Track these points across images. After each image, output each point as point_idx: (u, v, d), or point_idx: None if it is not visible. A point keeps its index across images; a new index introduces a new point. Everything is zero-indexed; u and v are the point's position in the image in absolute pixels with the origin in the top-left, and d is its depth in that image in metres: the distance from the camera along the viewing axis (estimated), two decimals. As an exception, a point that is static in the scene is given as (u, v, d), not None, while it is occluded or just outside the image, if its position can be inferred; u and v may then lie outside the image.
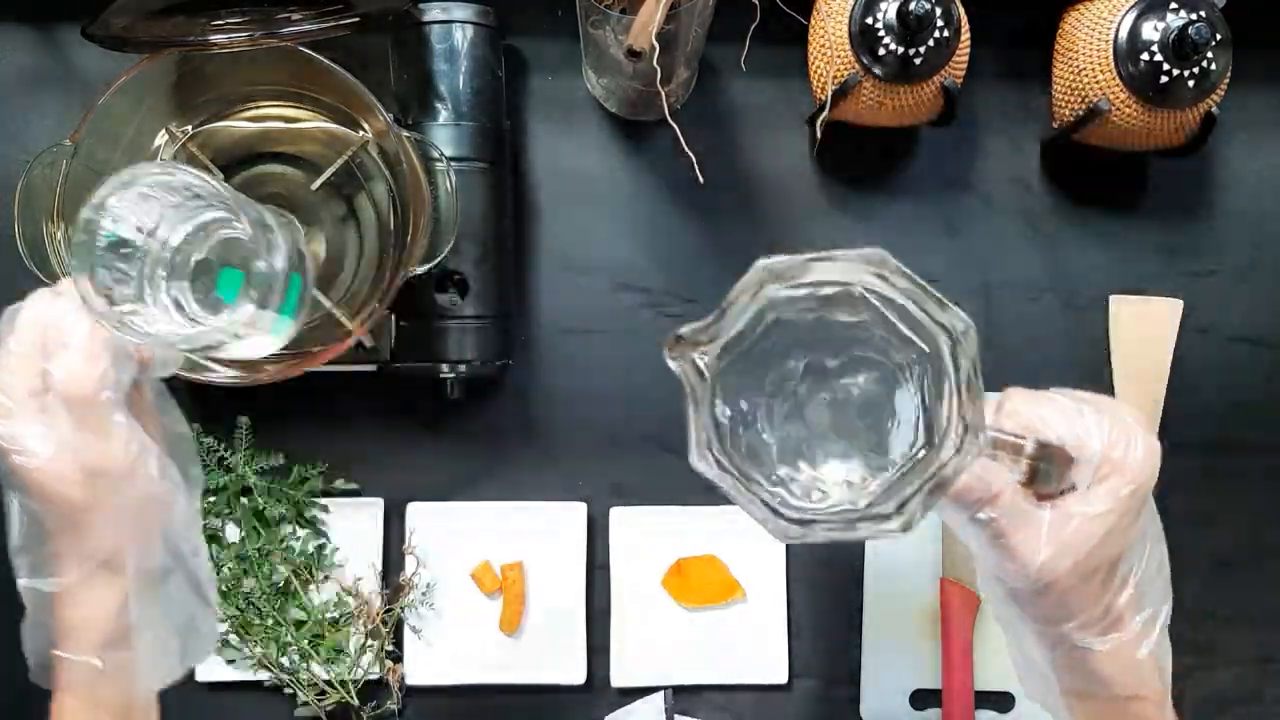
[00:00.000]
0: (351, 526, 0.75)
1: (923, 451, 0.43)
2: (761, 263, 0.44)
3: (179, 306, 0.49)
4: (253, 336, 0.51)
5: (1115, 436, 0.46)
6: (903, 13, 0.67)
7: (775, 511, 0.42)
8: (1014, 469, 0.46)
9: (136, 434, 0.48)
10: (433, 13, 0.71)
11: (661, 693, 0.72)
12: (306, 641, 0.74)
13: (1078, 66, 0.73)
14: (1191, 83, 0.70)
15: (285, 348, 0.70)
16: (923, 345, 0.43)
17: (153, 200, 0.48)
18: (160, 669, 0.51)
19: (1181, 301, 0.79)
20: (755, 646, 0.76)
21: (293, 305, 0.52)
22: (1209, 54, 0.69)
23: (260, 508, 0.74)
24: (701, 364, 0.43)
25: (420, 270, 0.67)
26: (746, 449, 0.44)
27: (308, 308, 0.54)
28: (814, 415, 0.46)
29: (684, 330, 0.43)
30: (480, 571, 0.75)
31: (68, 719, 0.49)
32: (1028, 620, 0.48)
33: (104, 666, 0.48)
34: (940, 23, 0.68)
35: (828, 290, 0.46)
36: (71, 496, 0.46)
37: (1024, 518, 0.46)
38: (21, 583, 0.49)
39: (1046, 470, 0.46)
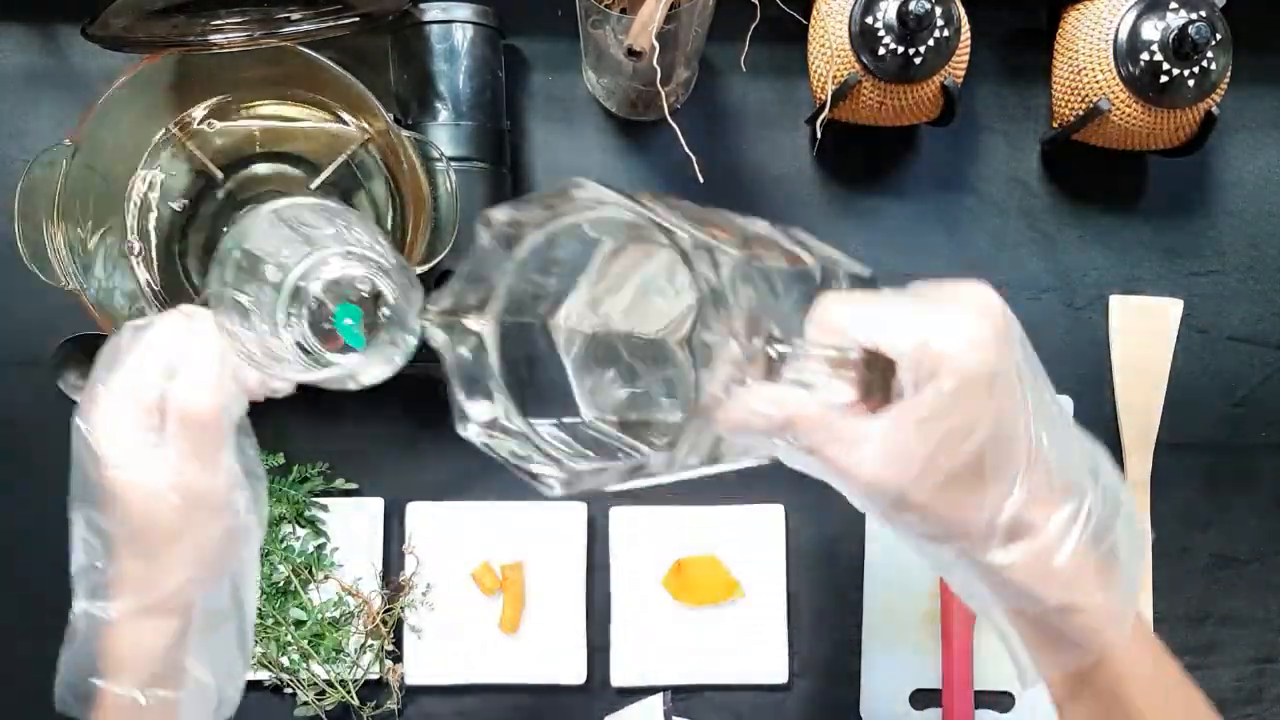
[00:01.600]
0: (351, 526, 0.75)
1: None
2: (491, 214, 0.42)
3: (300, 345, 0.49)
4: (373, 370, 0.50)
5: (930, 327, 0.39)
6: (903, 12, 0.67)
7: (566, 467, 0.40)
8: (841, 385, 0.41)
9: (235, 469, 0.48)
10: (433, 12, 0.71)
11: (660, 695, 0.72)
12: (306, 641, 0.74)
13: (1078, 66, 0.73)
14: (1191, 82, 0.70)
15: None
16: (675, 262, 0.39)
17: (299, 242, 0.47)
18: (200, 715, 0.49)
19: (1181, 301, 0.79)
20: (755, 646, 0.76)
21: (413, 348, 0.51)
22: (1209, 54, 0.69)
23: (260, 507, 0.74)
24: (478, 328, 0.42)
25: (420, 270, 0.67)
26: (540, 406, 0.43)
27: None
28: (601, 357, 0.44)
29: (441, 301, 0.42)
30: (480, 571, 0.75)
31: None
32: (916, 542, 0.43)
33: (146, 703, 0.47)
34: (940, 22, 0.68)
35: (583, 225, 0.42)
36: (162, 521, 0.45)
37: (843, 434, 0.40)
38: (79, 605, 0.47)
39: (870, 379, 0.41)
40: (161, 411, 0.46)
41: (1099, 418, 0.78)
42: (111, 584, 0.46)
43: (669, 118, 0.67)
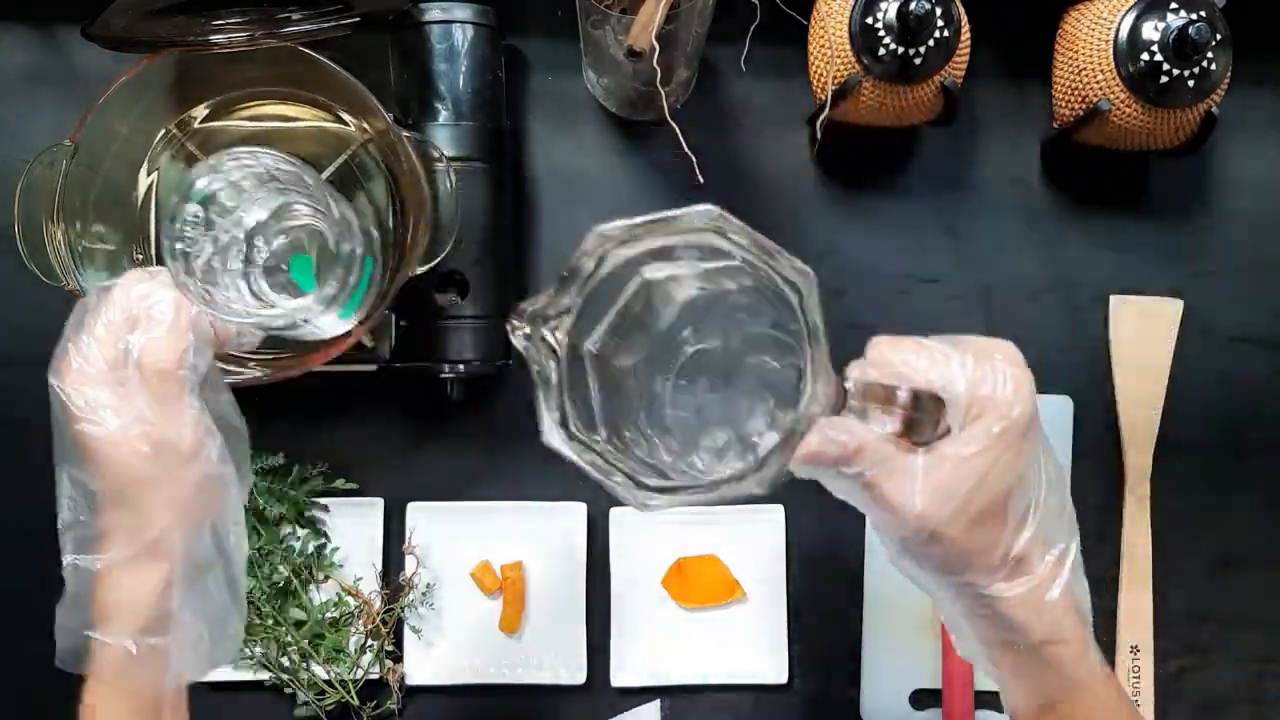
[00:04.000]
0: (351, 526, 0.75)
1: (780, 411, 0.44)
2: (598, 228, 0.43)
3: (253, 291, 0.52)
4: (325, 318, 0.53)
5: (981, 374, 0.44)
6: (903, 13, 0.67)
7: (636, 483, 0.42)
8: (888, 420, 0.44)
9: (205, 417, 0.49)
10: (433, 12, 0.71)
11: (656, 702, 0.72)
12: (306, 641, 0.74)
13: (1078, 66, 0.73)
14: (1192, 83, 0.70)
15: (285, 348, 0.70)
16: (775, 302, 0.43)
17: (236, 185, 0.51)
18: (191, 662, 0.51)
19: (1181, 301, 0.79)
20: (755, 646, 0.76)
21: (363, 286, 0.53)
22: (1209, 54, 0.69)
23: (260, 508, 0.74)
24: (553, 340, 0.43)
25: (420, 270, 0.67)
26: (614, 417, 0.44)
27: (376, 288, 0.57)
28: (693, 385, 0.46)
29: (525, 306, 0.43)
30: (480, 571, 0.75)
31: (98, 706, 0.49)
32: (931, 574, 0.46)
33: (137, 652, 0.48)
34: (940, 23, 0.68)
35: (673, 248, 0.44)
36: (135, 469, 0.47)
37: (897, 467, 0.44)
38: (67, 559, 0.49)
39: (919, 418, 0.44)
40: (126, 365, 0.48)
41: (1099, 418, 0.78)
42: (97, 536, 0.48)
43: (669, 118, 0.67)
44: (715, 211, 0.42)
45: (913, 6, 0.67)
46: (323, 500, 0.75)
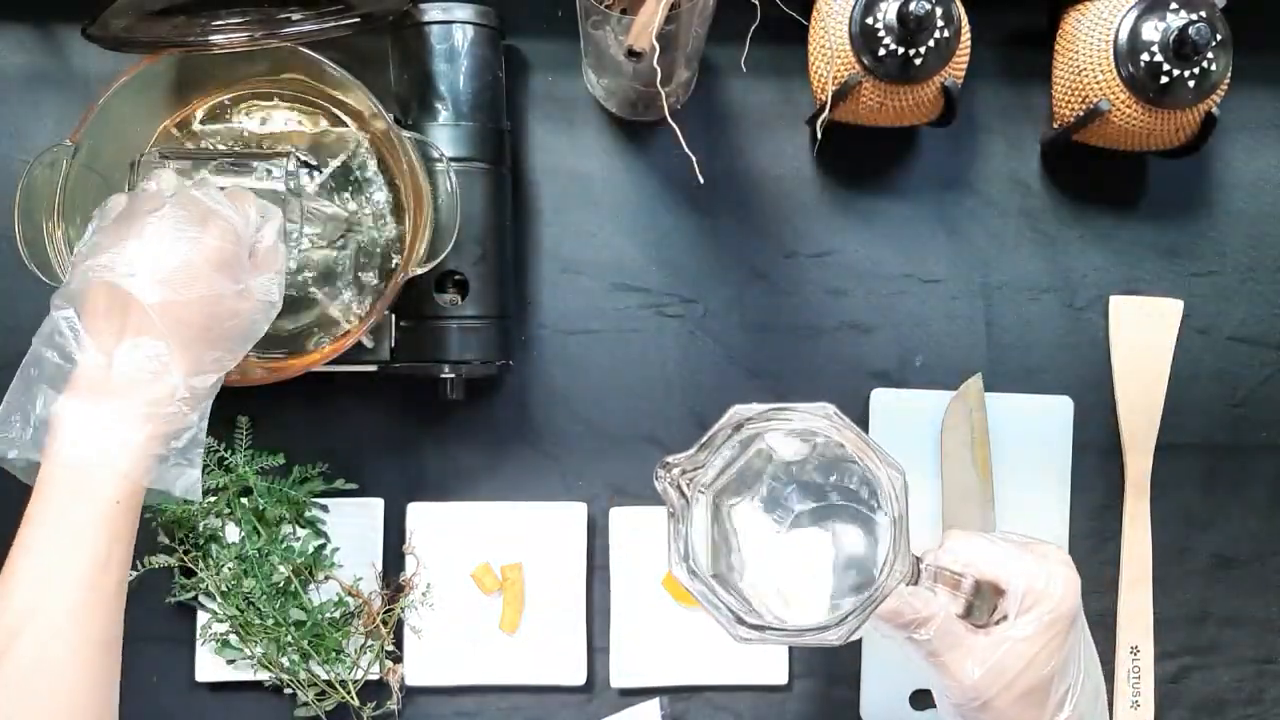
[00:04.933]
0: (351, 526, 0.75)
1: (861, 579, 0.53)
2: (736, 408, 0.52)
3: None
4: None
5: (1037, 571, 0.54)
6: (903, 13, 0.67)
7: (739, 619, 0.51)
8: (954, 601, 0.54)
9: (278, 244, 0.61)
10: (433, 13, 0.71)
11: (657, 700, 0.72)
12: (306, 642, 0.74)
13: (1078, 66, 0.73)
14: (1192, 83, 0.70)
15: (285, 348, 0.70)
16: (870, 488, 0.53)
17: None
18: (193, 484, 0.55)
19: (1181, 301, 0.79)
20: (755, 647, 0.76)
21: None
22: (1209, 54, 0.69)
23: (260, 508, 0.74)
24: (687, 489, 0.52)
25: (420, 270, 0.67)
26: (724, 561, 0.54)
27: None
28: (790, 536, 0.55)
29: (671, 459, 0.52)
30: (480, 571, 0.75)
31: (48, 490, 0.51)
32: None
33: (163, 455, 0.53)
34: (940, 23, 0.68)
35: (801, 434, 0.54)
36: (241, 257, 0.57)
37: (959, 641, 0.53)
38: (51, 409, 0.53)
39: (979, 603, 0.54)
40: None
41: (1099, 418, 0.78)
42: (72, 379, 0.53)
43: (669, 118, 0.67)
44: (831, 409, 0.51)
45: (913, 7, 0.67)
46: (323, 500, 0.75)
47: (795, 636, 0.51)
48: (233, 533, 0.75)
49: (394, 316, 0.71)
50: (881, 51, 0.69)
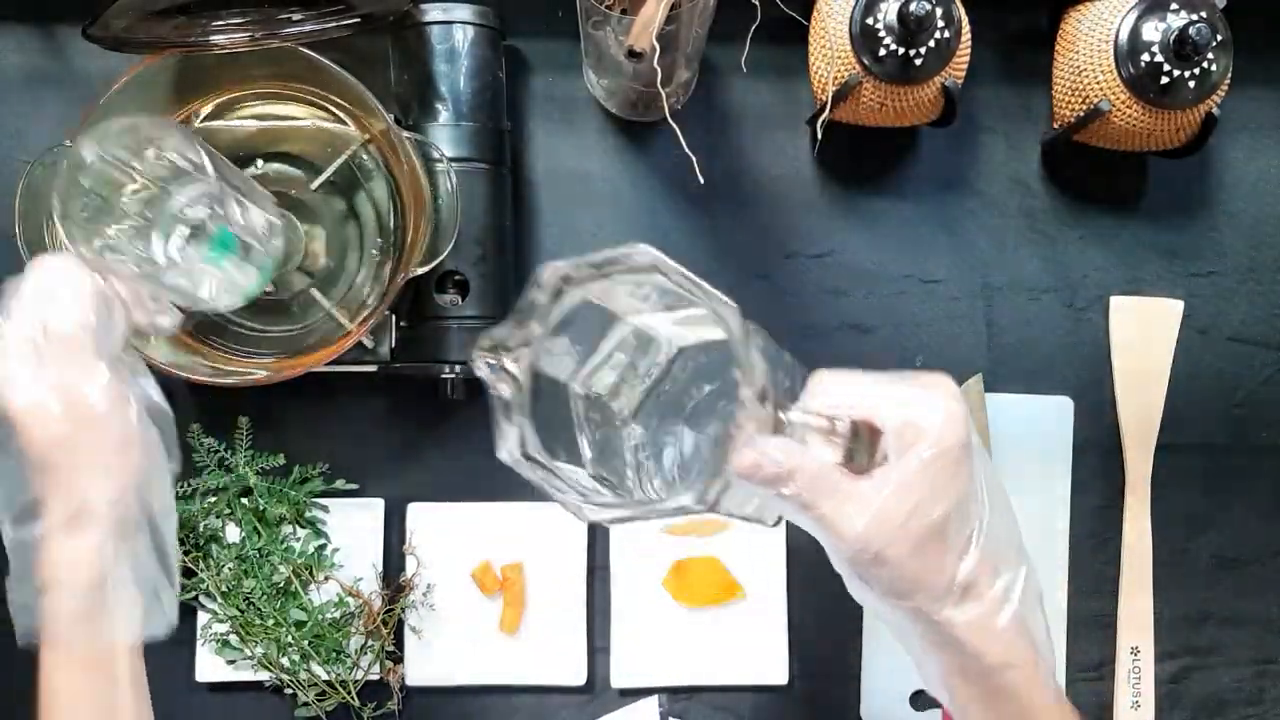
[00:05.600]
0: (351, 527, 0.75)
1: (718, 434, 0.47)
2: (550, 263, 0.47)
3: (167, 256, 0.56)
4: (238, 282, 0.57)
5: (916, 403, 0.47)
6: (903, 13, 0.67)
7: (587, 501, 0.46)
8: (831, 448, 0.47)
9: (119, 384, 0.52)
10: (433, 13, 0.71)
11: (655, 697, 0.72)
12: (307, 642, 0.73)
13: (1078, 67, 0.73)
14: (1192, 83, 0.70)
15: (284, 348, 0.70)
16: (716, 335, 0.47)
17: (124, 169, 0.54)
18: (128, 625, 0.52)
19: (1181, 301, 0.79)
20: (755, 647, 0.76)
21: (226, 247, 0.57)
22: (1209, 55, 0.69)
23: (260, 508, 0.74)
24: (514, 369, 0.48)
25: (420, 270, 0.67)
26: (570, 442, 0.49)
27: (260, 270, 0.60)
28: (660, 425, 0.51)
29: (490, 336, 0.47)
30: (480, 572, 0.75)
31: (51, 673, 0.51)
32: (882, 599, 0.48)
33: (78, 608, 0.50)
34: (940, 23, 0.68)
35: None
36: (53, 433, 0.49)
37: (836, 489, 0.46)
38: (7, 534, 0.51)
39: (859, 445, 0.48)
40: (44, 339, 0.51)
41: (1099, 418, 0.78)
42: (30, 506, 0.50)
43: (669, 119, 0.67)
44: (653, 253, 0.45)
45: (913, 7, 0.67)
46: (323, 500, 0.75)
47: (646, 508, 0.46)
48: (233, 533, 0.75)
49: (394, 316, 0.71)
50: (882, 52, 0.69)
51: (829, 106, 0.71)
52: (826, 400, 0.48)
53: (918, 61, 0.69)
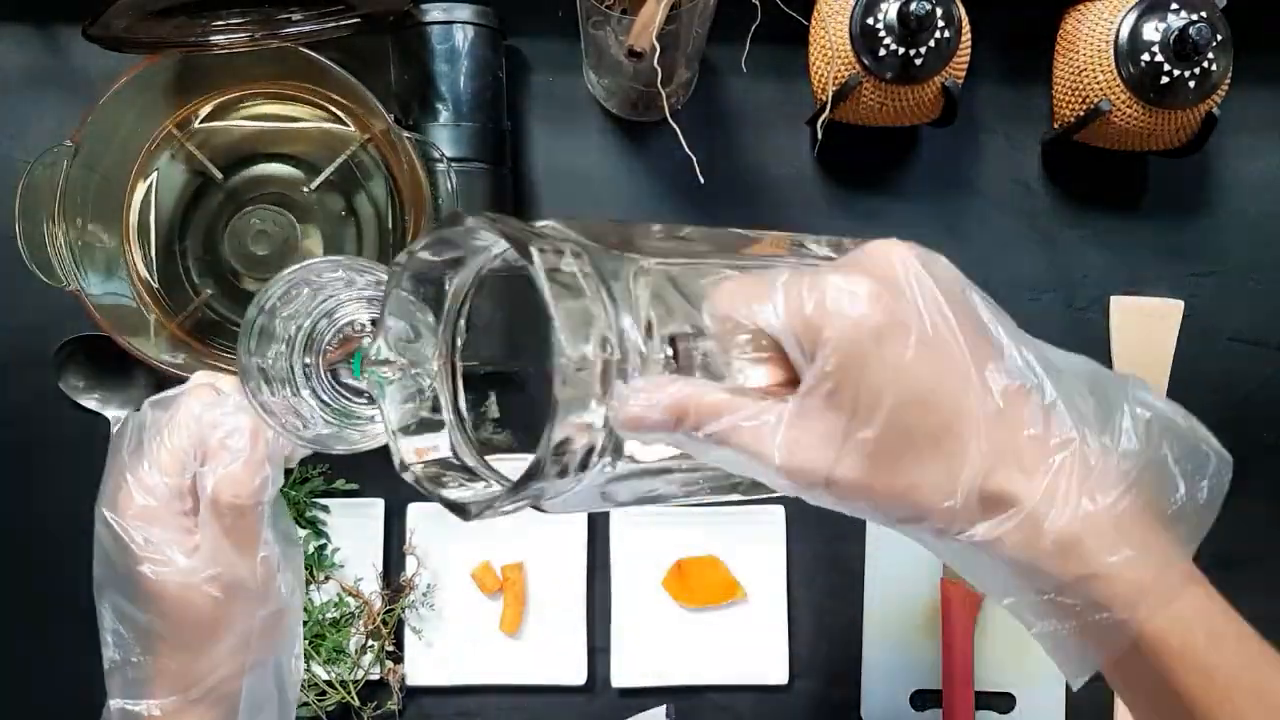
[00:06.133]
0: (352, 527, 0.75)
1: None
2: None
3: (325, 403, 0.47)
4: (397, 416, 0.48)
5: (804, 298, 0.36)
6: (903, 13, 0.67)
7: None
8: (758, 371, 0.38)
9: (276, 551, 0.45)
10: (433, 13, 0.71)
11: (663, 707, 0.72)
12: (307, 642, 0.73)
13: (1078, 66, 0.73)
14: (1192, 83, 0.70)
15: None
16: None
17: (309, 296, 0.47)
18: None
19: (1181, 302, 0.79)
20: (755, 647, 0.76)
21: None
22: (1210, 54, 0.69)
23: (260, 508, 0.74)
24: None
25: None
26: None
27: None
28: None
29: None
30: (480, 572, 0.75)
31: None
32: (892, 527, 0.38)
33: None
34: (941, 23, 0.68)
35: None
36: (203, 612, 0.43)
37: (754, 421, 0.36)
38: (115, 703, 0.45)
39: (758, 364, 0.38)
40: (194, 495, 0.44)
41: (1099, 418, 0.78)
42: (149, 679, 0.44)
43: (670, 118, 0.67)
44: (472, 221, 0.38)
45: (913, 7, 0.67)
46: (323, 500, 0.75)
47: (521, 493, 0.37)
48: (233, 533, 0.74)
49: (394, 317, 0.71)
50: (882, 52, 0.69)
51: (829, 106, 0.71)
52: (719, 315, 0.38)
53: (918, 61, 0.69)
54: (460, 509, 0.40)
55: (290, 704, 0.49)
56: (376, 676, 0.74)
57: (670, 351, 0.38)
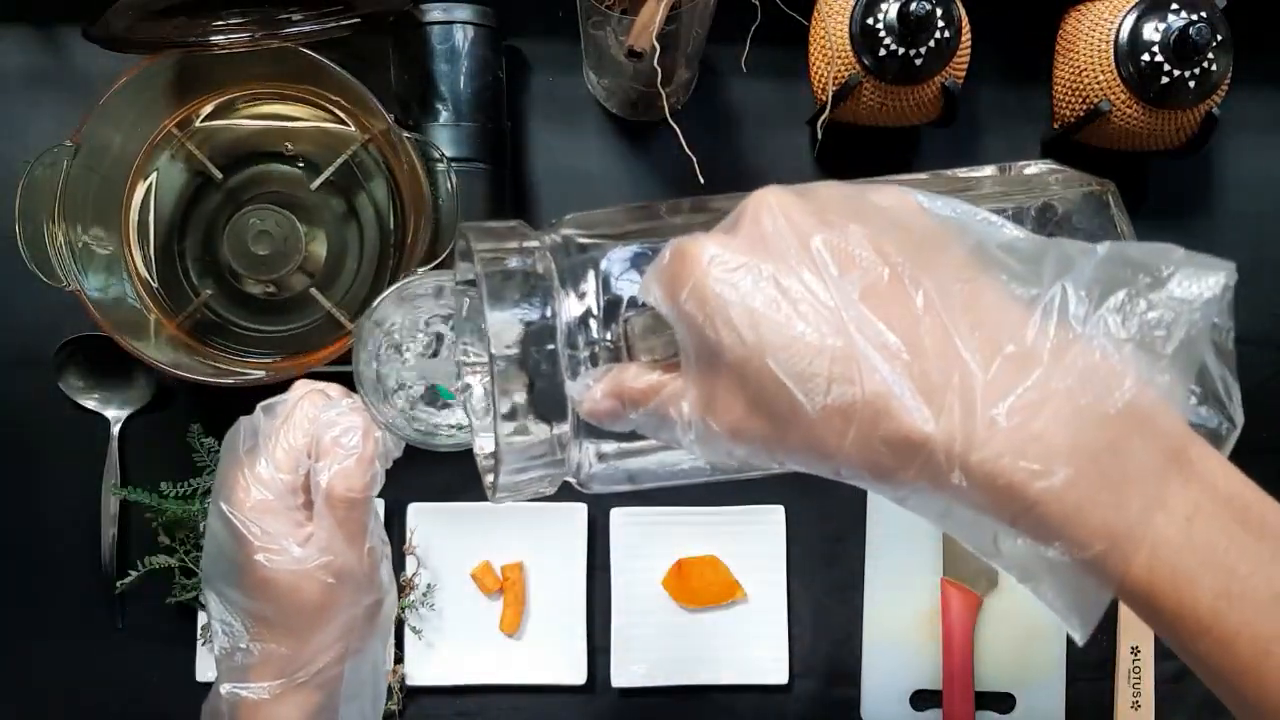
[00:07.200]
0: (352, 527, 0.75)
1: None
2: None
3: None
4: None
5: (652, 269, 0.35)
6: (903, 13, 0.67)
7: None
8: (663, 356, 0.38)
9: (379, 541, 0.49)
10: (434, 13, 0.71)
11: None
12: (307, 642, 0.73)
13: (1078, 67, 0.73)
14: (1192, 83, 0.70)
15: (284, 348, 0.70)
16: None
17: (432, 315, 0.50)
18: None
19: (1182, 302, 0.79)
20: (755, 647, 0.76)
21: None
22: (1210, 55, 0.69)
23: (260, 508, 0.74)
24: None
25: (420, 270, 0.67)
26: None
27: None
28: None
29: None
30: (480, 571, 0.75)
31: None
32: (873, 486, 0.33)
33: None
34: (941, 23, 0.68)
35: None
36: (314, 600, 0.46)
37: (673, 395, 0.35)
38: (225, 689, 0.47)
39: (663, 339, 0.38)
40: (306, 491, 0.47)
41: (1099, 418, 0.78)
42: (257, 665, 0.47)
43: (670, 119, 0.67)
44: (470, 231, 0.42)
45: (913, 7, 0.67)
46: (323, 500, 0.75)
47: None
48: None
49: (394, 317, 0.71)
50: (882, 52, 0.69)
51: (829, 106, 0.71)
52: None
53: (918, 61, 0.69)
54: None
55: (380, 696, 0.52)
56: (376, 676, 0.74)
57: (622, 334, 0.39)
